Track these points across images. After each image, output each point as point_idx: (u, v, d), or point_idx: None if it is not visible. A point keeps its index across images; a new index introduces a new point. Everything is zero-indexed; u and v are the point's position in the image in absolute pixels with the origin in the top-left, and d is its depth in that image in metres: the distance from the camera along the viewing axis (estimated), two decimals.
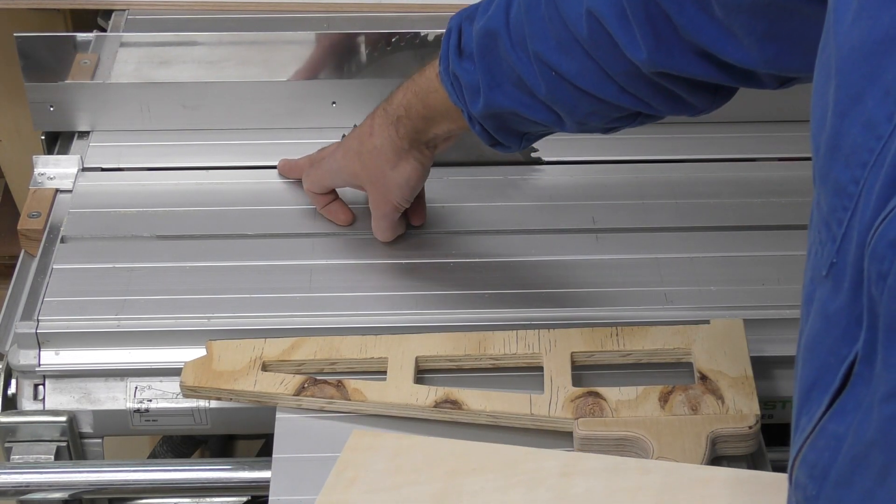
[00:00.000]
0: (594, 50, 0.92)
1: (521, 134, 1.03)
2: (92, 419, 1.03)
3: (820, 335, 0.66)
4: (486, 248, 1.14)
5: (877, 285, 0.60)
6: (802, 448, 0.67)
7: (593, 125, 1.00)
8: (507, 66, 0.96)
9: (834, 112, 0.65)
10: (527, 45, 0.95)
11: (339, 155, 1.12)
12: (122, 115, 1.27)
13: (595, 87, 0.94)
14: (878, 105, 0.61)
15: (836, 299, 0.64)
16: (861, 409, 0.62)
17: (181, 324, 1.04)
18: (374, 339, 1.02)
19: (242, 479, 0.99)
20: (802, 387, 0.68)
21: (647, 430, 0.94)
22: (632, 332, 1.02)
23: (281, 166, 1.22)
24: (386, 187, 1.08)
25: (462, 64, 0.99)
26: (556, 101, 0.96)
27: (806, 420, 0.66)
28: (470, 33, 0.99)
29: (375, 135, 1.07)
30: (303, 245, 1.14)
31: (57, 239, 1.14)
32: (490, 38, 0.97)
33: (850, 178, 0.63)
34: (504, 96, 0.98)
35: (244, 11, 1.39)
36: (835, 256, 0.64)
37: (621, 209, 1.18)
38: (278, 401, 0.99)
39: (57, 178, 1.21)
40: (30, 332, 1.02)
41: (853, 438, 0.63)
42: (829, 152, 0.65)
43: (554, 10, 0.93)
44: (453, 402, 0.97)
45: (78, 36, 1.27)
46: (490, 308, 1.06)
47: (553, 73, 0.94)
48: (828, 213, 0.65)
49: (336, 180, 1.14)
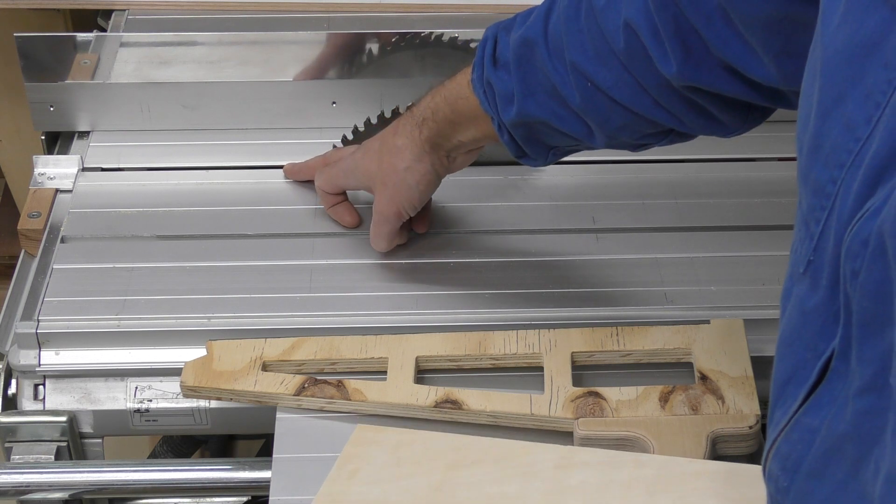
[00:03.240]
0: (630, 62, 0.92)
1: (549, 147, 1.03)
2: (92, 419, 1.03)
3: (797, 331, 0.67)
4: (486, 248, 1.14)
5: (851, 283, 0.61)
6: (777, 440, 0.68)
7: (624, 140, 1.00)
8: (543, 76, 0.97)
9: (817, 113, 0.66)
10: (564, 55, 0.95)
11: (358, 155, 1.11)
12: (122, 115, 1.27)
13: (630, 99, 0.94)
14: (858, 107, 0.63)
15: (813, 296, 0.66)
16: (836, 403, 0.63)
17: (181, 324, 1.04)
18: (374, 339, 1.02)
19: (242, 479, 0.99)
20: (778, 381, 0.69)
21: (648, 430, 0.94)
22: (632, 332, 1.02)
23: (287, 170, 1.21)
24: (395, 188, 1.07)
25: (497, 73, 0.99)
26: (589, 112, 0.96)
27: (781, 413, 0.68)
28: (506, 43, 0.99)
29: (399, 134, 1.07)
30: (303, 245, 1.14)
31: (57, 239, 1.14)
32: (527, 47, 0.97)
33: (829, 177, 0.64)
34: (537, 105, 0.98)
35: (244, 11, 1.39)
36: (812, 254, 0.65)
37: (621, 209, 1.18)
38: (278, 401, 0.99)
39: (57, 178, 1.21)
40: (30, 332, 1.02)
41: (826, 432, 0.64)
42: (810, 152, 0.66)
43: (593, 21, 0.93)
44: (454, 402, 0.97)
45: (78, 36, 1.27)
46: (490, 308, 1.06)
47: (589, 83, 0.95)
48: (807, 211, 0.66)
49: (350, 180, 1.13)
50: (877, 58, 0.62)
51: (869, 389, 0.61)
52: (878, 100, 0.61)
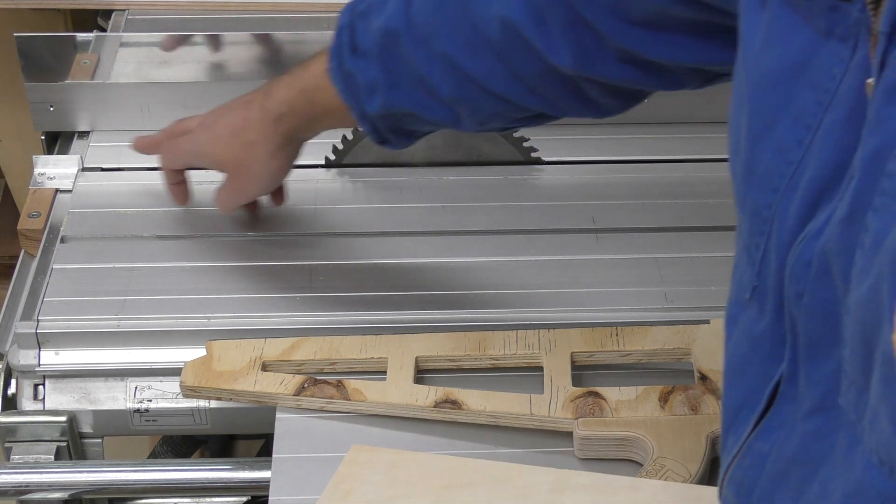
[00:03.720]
0: (505, 52, 0.91)
1: (410, 132, 1.02)
2: (92, 419, 1.03)
3: (747, 357, 0.67)
4: (487, 248, 1.13)
5: (796, 305, 0.61)
6: (730, 467, 0.68)
7: (493, 125, 1.00)
8: (408, 66, 0.95)
9: (747, 138, 0.66)
10: (430, 46, 0.93)
11: (203, 138, 1.08)
12: (122, 115, 1.27)
13: (503, 88, 0.93)
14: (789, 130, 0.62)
15: (760, 322, 0.66)
16: (785, 427, 0.64)
17: (181, 324, 1.04)
18: (374, 339, 1.02)
19: (242, 479, 0.98)
20: (729, 408, 0.69)
21: (647, 430, 0.94)
22: (632, 332, 1.02)
23: (136, 144, 1.16)
24: (250, 179, 1.07)
25: (357, 62, 0.96)
26: (459, 101, 0.95)
27: (734, 440, 0.68)
28: (365, 31, 0.96)
29: (251, 129, 1.04)
30: (303, 245, 1.14)
31: (57, 239, 1.14)
32: (390, 38, 0.95)
33: (765, 202, 0.64)
34: (404, 96, 0.96)
35: (244, 11, 1.39)
36: (756, 280, 0.65)
37: (621, 209, 1.18)
38: (278, 401, 0.98)
39: (57, 178, 1.21)
40: (30, 332, 1.02)
41: (776, 456, 0.64)
42: (744, 178, 0.66)
43: (462, 11, 0.92)
44: (453, 402, 0.97)
45: (78, 36, 1.27)
46: (490, 308, 1.06)
47: (459, 73, 0.93)
48: (747, 237, 0.66)
49: (196, 162, 1.11)
50: (804, 80, 0.62)
51: (817, 411, 0.61)
52: (808, 122, 0.61)
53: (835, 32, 0.60)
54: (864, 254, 0.55)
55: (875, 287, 0.53)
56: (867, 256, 0.54)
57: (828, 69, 0.60)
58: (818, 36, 0.61)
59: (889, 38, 0.55)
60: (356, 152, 1.23)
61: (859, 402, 0.56)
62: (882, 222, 0.54)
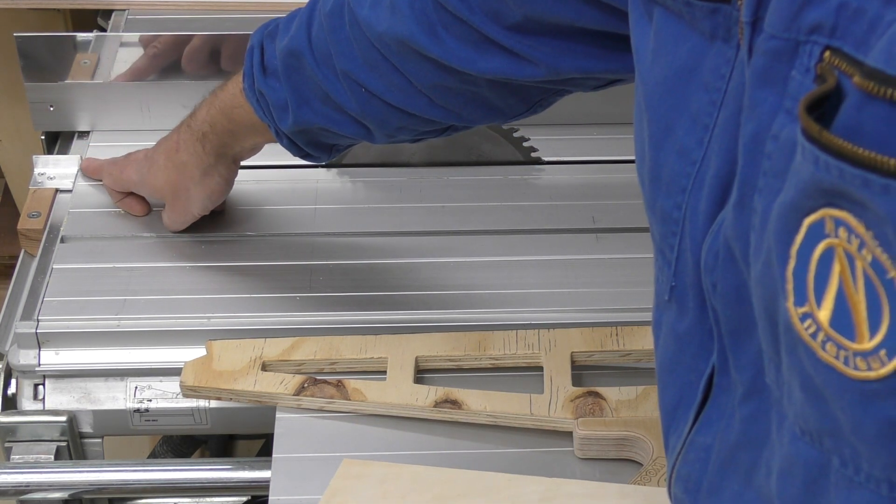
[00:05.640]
0: (403, 65, 0.93)
1: (330, 146, 1.04)
2: (92, 419, 1.03)
3: (676, 357, 0.68)
4: (487, 248, 1.14)
5: (713, 296, 0.63)
6: (675, 465, 0.68)
7: (402, 138, 1.01)
8: (314, 84, 0.97)
9: (650, 145, 0.68)
10: (333, 64, 0.95)
11: (144, 168, 1.12)
12: (122, 115, 1.27)
13: (404, 102, 0.95)
14: (688, 132, 0.64)
15: (683, 320, 0.67)
16: (724, 417, 0.65)
17: (181, 324, 1.04)
18: (374, 339, 1.02)
19: (242, 479, 0.99)
20: (666, 409, 0.70)
21: (647, 429, 0.94)
22: (632, 332, 1.02)
23: (85, 166, 1.21)
24: (188, 201, 1.10)
25: (267, 81, 0.99)
26: (366, 115, 0.97)
27: (675, 439, 0.69)
28: (273, 51, 0.98)
29: (181, 150, 1.08)
30: (303, 245, 1.14)
31: (57, 239, 1.13)
32: (294, 58, 0.97)
33: (673, 204, 0.66)
34: (313, 113, 0.98)
35: (244, 11, 1.39)
36: (673, 280, 0.67)
37: (621, 209, 1.18)
38: (278, 401, 0.99)
39: (57, 178, 1.21)
40: (30, 332, 1.02)
41: (720, 446, 0.65)
42: (651, 183, 0.68)
43: (358, 30, 0.93)
44: (453, 401, 0.97)
45: (78, 36, 1.27)
46: (490, 308, 1.06)
47: (362, 89, 0.95)
48: (660, 240, 0.68)
49: (137, 190, 1.14)
50: (695, 82, 0.64)
51: (750, 394, 0.62)
52: (705, 122, 0.63)
53: (718, 34, 0.62)
54: (756, 234, 0.57)
55: (767, 261, 0.55)
56: (758, 235, 0.56)
57: (716, 69, 0.63)
58: (704, 40, 0.63)
59: (752, 27, 0.57)
60: (356, 152, 1.23)
61: (779, 378, 0.58)
62: (767, 201, 0.55)
